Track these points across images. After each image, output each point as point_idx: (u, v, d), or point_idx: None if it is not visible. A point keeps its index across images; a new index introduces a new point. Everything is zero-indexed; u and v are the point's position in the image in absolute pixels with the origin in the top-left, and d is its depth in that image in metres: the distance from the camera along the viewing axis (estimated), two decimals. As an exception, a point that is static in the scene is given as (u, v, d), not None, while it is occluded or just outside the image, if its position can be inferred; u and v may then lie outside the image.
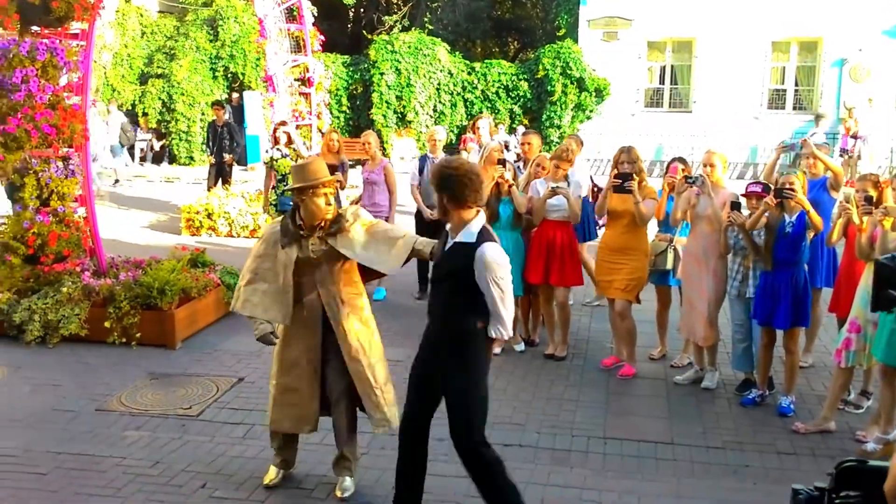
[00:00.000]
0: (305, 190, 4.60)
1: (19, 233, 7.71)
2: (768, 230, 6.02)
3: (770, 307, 6.04)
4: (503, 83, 22.49)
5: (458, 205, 4.15)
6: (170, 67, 23.25)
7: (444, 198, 4.18)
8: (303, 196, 4.62)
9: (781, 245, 5.96)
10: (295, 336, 4.82)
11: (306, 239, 4.68)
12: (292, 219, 4.74)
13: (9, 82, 7.35)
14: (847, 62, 20.72)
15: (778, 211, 5.97)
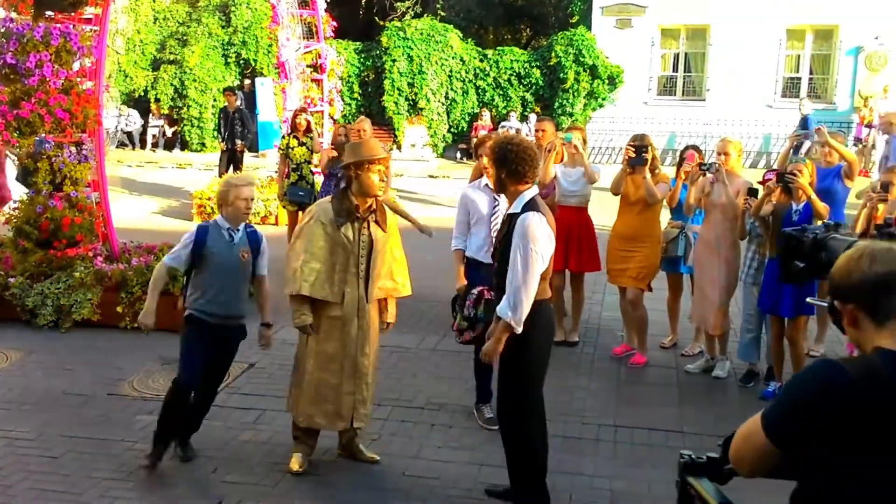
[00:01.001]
0: (361, 165, 4.73)
1: (32, 217, 7.75)
2: (775, 217, 5.98)
3: (776, 295, 6.00)
4: (515, 70, 22.39)
5: (514, 179, 4.27)
6: (182, 53, 23.26)
7: (502, 172, 4.30)
8: (358, 171, 4.74)
9: None
10: (333, 329, 4.84)
11: (359, 221, 4.76)
12: (344, 198, 4.79)
13: (23, 67, 7.38)
14: (863, 50, 20.52)
15: (785, 198, 5.93)
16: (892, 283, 2.03)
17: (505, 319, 4.21)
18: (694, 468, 2.35)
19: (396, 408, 5.97)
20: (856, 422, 1.94)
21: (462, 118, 22.75)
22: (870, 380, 1.95)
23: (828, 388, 1.99)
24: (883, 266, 2.03)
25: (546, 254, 4.21)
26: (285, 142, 9.94)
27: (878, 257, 2.05)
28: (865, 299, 2.05)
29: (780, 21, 20.68)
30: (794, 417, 2.03)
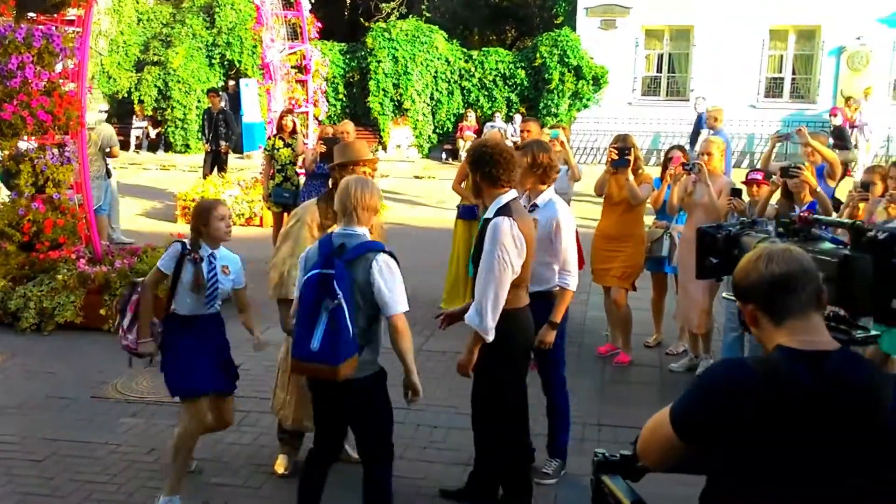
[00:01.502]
0: (346, 166, 4.72)
1: (14, 220, 7.71)
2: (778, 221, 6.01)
3: None
4: (500, 71, 22.43)
5: (491, 184, 4.20)
6: (166, 55, 23.16)
7: (477, 176, 4.23)
8: (343, 173, 4.70)
9: None
10: None
11: None
12: (331, 200, 4.78)
13: (4, 69, 7.34)
14: (845, 50, 20.68)
15: (787, 202, 5.95)
16: (788, 283, 2.07)
17: (474, 328, 4.12)
18: (607, 466, 2.39)
19: (382, 408, 5.97)
20: (757, 418, 1.99)
21: (447, 119, 22.76)
22: (771, 376, 2.01)
23: (731, 384, 2.05)
24: (779, 266, 2.08)
25: (516, 261, 4.08)
26: (271, 143, 9.92)
27: (774, 258, 2.10)
28: (763, 299, 2.10)
29: (763, 21, 20.79)
30: (698, 411, 2.08)
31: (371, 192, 3.94)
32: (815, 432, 1.96)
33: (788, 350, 2.05)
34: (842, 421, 1.96)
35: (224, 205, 4.84)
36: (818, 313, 2.10)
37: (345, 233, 3.91)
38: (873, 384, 2.01)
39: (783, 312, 2.08)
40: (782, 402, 1.98)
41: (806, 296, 2.08)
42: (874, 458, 1.97)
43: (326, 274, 3.72)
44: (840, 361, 2.03)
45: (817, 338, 2.07)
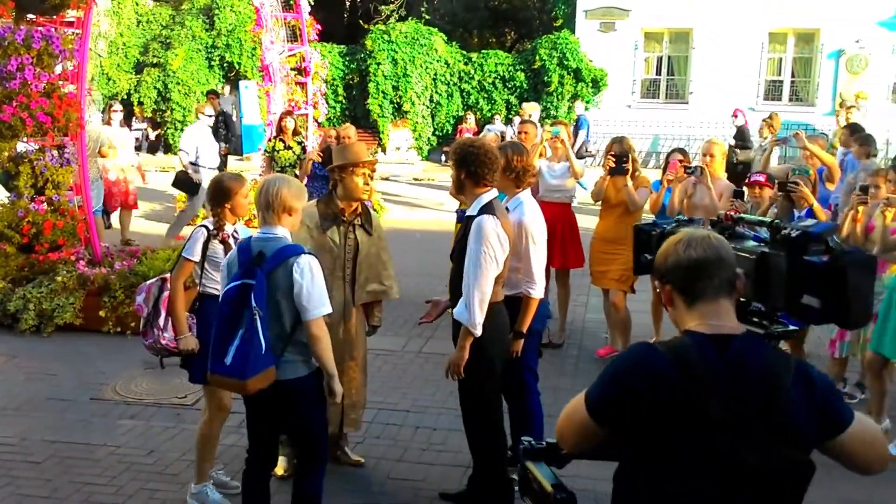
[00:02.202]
0: (345, 168, 4.73)
1: (14, 221, 7.70)
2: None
3: None
4: (500, 73, 22.45)
5: (474, 182, 4.24)
6: (165, 56, 23.17)
7: (461, 174, 4.26)
8: (343, 174, 4.74)
9: None
10: None
11: (344, 225, 4.75)
12: (330, 201, 4.79)
13: (4, 70, 7.33)
14: (844, 54, 20.70)
15: (787, 205, 5.95)
16: (703, 268, 2.15)
17: (463, 324, 4.17)
18: (533, 453, 2.44)
19: (381, 411, 5.97)
20: (665, 402, 2.06)
21: (447, 121, 22.78)
22: (678, 361, 2.08)
23: (640, 369, 2.13)
24: (696, 252, 2.16)
25: (500, 256, 4.16)
26: (271, 145, 9.91)
27: (693, 243, 2.18)
28: (679, 282, 2.19)
29: (762, 24, 20.83)
30: (610, 396, 2.16)
31: (287, 191, 3.86)
32: (719, 412, 2.03)
33: (696, 334, 2.13)
34: (743, 401, 2.03)
35: (246, 181, 4.77)
36: (729, 299, 2.18)
37: (263, 237, 3.85)
38: (773, 365, 2.08)
39: (696, 296, 2.16)
40: (688, 388, 2.04)
41: (719, 282, 2.16)
42: (773, 437, 2.04)
43: (246, 284, 3.68)
44: (743, 345, 2.11)
45: (725, 322, 2.15)
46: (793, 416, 2.04)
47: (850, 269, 2.18)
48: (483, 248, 4.08)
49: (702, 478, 2.07)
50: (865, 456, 2.14)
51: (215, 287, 4.52)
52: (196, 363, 4.53)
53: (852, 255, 2.22)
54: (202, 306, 4.56)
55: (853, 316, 2.24)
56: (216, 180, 4.67)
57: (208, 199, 4.68)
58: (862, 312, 2.26)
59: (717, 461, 2.05)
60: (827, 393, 2.11)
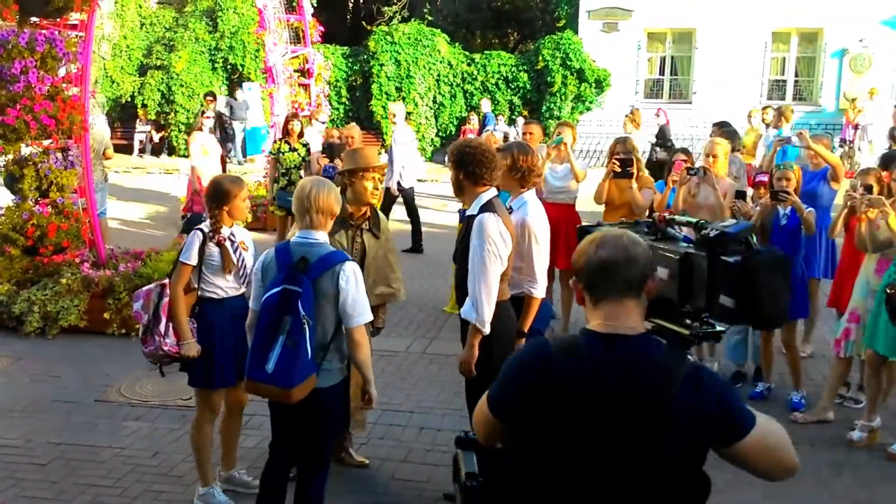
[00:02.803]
0: (355, 172, 4.73)
1: (18, 224, 7.72)
2: (763, 221, 6.00)
3: None
4: (503, 74, 22.45)
5: (473, 182, 4.26)
6: (169, 59, 23.20)
7: (460, 174, 4.28)
8: (352, 178, 4.74)
9: (776, 237, 5.93)
10: None
11: (352, 229, 4.75)
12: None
13: (7, 73, 7.34)
14: (848, 53, 20.67)
15: (772, 203, 5.95)
16: (608, 268, 2.17)
17: (471, 322, 4.19)
18: (464, 443, 2.59)
19: (385, 412, 5.96)
20: (554, 397, 2.09)
21: (450, 122, 22.78)
22: (566, 357, 2.11)
23: (534, 365, 2.16)
24: (605, 252, 2.18)
25: (503, 253, 4.18)
26: (276, 147, 9.95)
27: (605, 242, 2.20)
28: (586, 280, 2.21)
29: (765, 24, 20.81)
30: (507, 394, 2.20)
31: (327, 194, 3.83)
32: (608, 410, 2.05)
33: (589, 332, 2.17)
34: (627, 398, 2.04)
35: (245, 184, 4.75)
36: (635, 300, 2.18)
37: (304, 241, 3.81)
38: (662, 367, 2.07)
39: (599, 295, 2.18)
40: (576, 379, 2.08)
41: (624, 282, 2.16)
42: (656, 436, 2.05)
43: (290, 291, 3.63)
44: (635, 345, 2.12)
45: (624, 322, 2.15)
46: (678, 419, 2.03)
47: (761, 268, 2.18)
48: (486, 246, 4.10)
49: (589, 472, 2.09)
50: (766, 464, 2.13)
51: (213, 291, 4.52)
52: (196, 367, 4.54)
53: (764, 255, 2.22)
54: (202, 310, 4.55)
55: (765, 315, 2.25)
56: (215, 182, 4.65)
57: (206, 201, 4.66)
58: (776, 312, 2.26)
59: (602, 456, 2.07)
60: (722, 399, 2.08)
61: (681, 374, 2.05)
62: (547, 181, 7.29)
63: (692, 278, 2.29)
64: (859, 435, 5.49)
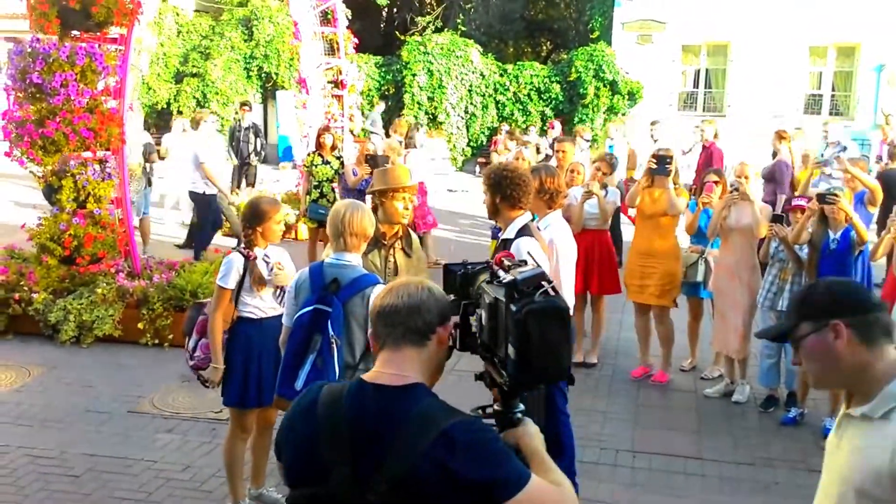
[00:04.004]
0: (386, 192, 4.77)
1: (56, 234, 7.84)
2: (812, 246, 5.92)
3: None
4: (535, 85, 22.43)
5: (510, 205, 4.34)
6: (204, 66, 23.46)
7: (496, 198, 4.34)
8: (383, 198, 4.78)
9: (826, 262, 5.85)
10: None
11: (385, 248, 4.78)
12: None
13: (48, 86, 7.46)
14: (885, 68, 20.40)
15: (822, 227, 5.87)
16: (389, 316, 2.15)
17: None
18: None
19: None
20: (310, 441, 2.09)
21: (481, 132, 22.79)
22: (327, 403, 2.11)
23: (302, 407, 2.17)
24: (390, 299, 2.17)
25: None
26: (310, 159, 10.00)
27: (393, 289, 2.21)
28: (373, 327, 2.21)
29: (802, 38, 20.59)
30: (281, 435, 2.21)
31: (361, 218, 3.93)
32: (328, 460, 2.03)
33: (360, 380, 2.14)
34: (359, 453, 2.01)
35: (281, 207, 4.82)
36: (415, 349, 2.14)
37: (337, 263, 3.90)
38: (409, 423, 2.00)
39: (381, 342, 2.17)
40: (328, 429, 2.07)
41: (404, 331, 2.14)
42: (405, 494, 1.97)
43: (321, 311, 3.71)
44: (394, 395, 2.06)
45: (395, 371, 2.12)
46: (419, 476, 1.95)
47: (530, 318, 2.04)
48: None
49: None
50: None
51: (251, 311, 4.58)
52: (231, 385, 4.59)
53: (537, 304, 2.07)
54: (237, 329, 4.61)
55: (535, 369, 2.07)
56: (253, 202, 4.72)
57: (242, 219, 4.73)
58: (552, 366, 2.09)
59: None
60: (478, 464, 1.96)
61: (434, 431, 1.96)
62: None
63: (496, 325, 2.15)
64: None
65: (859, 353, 2.17)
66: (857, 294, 2.25)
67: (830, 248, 5.82)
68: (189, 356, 4.67)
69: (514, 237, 4.28)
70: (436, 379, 2.21)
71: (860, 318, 2.18)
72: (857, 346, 2.17)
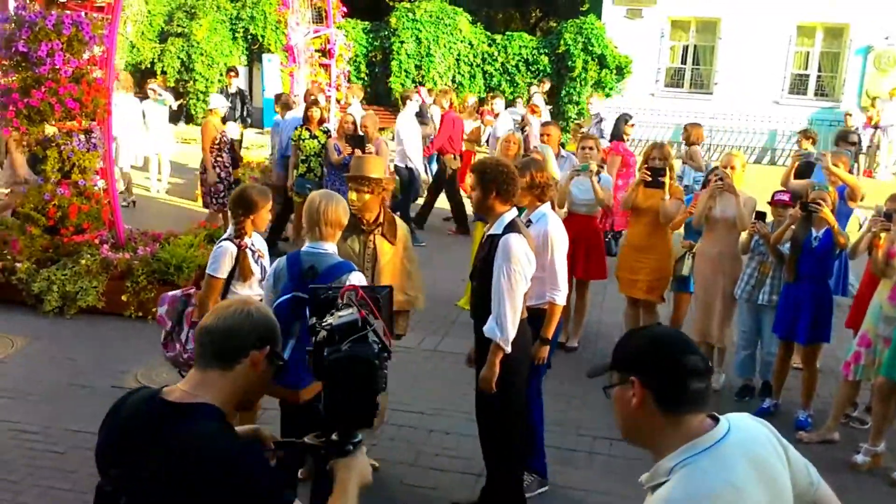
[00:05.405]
0: (352, 179, 4.93)
1: (40, 204, 7.82)
2: (794, 243, 5.98)
3: (791, 321, 6.02)
4: (523, 56, 22.33)
5: (500, 200, 4.35)
6: (190, 27, 23.16)
7: (490, 194, 4.35)
8: (357, 186, 4.89)
9: (806, 259, 5.93)
10: None
11: (364, 234, 4.82)
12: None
13: (34, 55, 7.40)
14: (872, 50, 20.45)
15: (805, 225, 5.95)
16: (203, 336, 2.23)
17: (495, 340, 4.29)
18: None
19: (395, 412, 6.03)
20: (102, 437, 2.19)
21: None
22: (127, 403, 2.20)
23: (119, 400, 2.24)
24: (210, 319, 2.25)
25: (529, 274, 4.31)
26: (297, 133, 9.95)
27: (214, 311, 2.29)
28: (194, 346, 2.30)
29: (790, 17, 20.57)
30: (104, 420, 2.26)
31: (336, 208, 4.05)
32: (114, 459, 2.11)
33: (156, 392, 2.19)
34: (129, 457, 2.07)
35: (270, 197, 4.90)
36: (219, 371, 2.18)
37: (313, 251, 4.02)
38: (186, 439, 2.04)
39: (196, 361, 2.24)
40: (113, 430, 2.17)
41: (213, 352, 2.19)
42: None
43: (300, 298, 3.82)
44: (167, 412, 2.10)
45: (188, 389, 2.17)
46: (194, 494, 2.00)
47: (334, 366, 2.15)
48: (513, 266, 4.21)
49: None
50: None
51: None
52: None
53: (343, 353, 2.17)
54: None
55: (339, 413, 2.18)
56: (244, 190, 4.75)
57: (232, 207, 4.75)
58: (355, 413, 2.19)
59: None
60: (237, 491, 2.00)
61: (208, 454, 2.02)
62: (571, 192, 7.30)
63: (318, 364, 2.27)
64: (863, 458, 5.55)
65: (652, 417, 2.01)
66: (671, 356, 2.03)
67: (812, 247, 5.90)
68: (183, 348, 4.68)
69: (503, 233, 4.31)
70: (249, 399, 2.32)
71: (663, 382, 2.00)
72: (652, 409, 2.01)
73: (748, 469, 1.98)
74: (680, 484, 1.93)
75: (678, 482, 1.94)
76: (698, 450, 1.97)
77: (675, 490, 1.93)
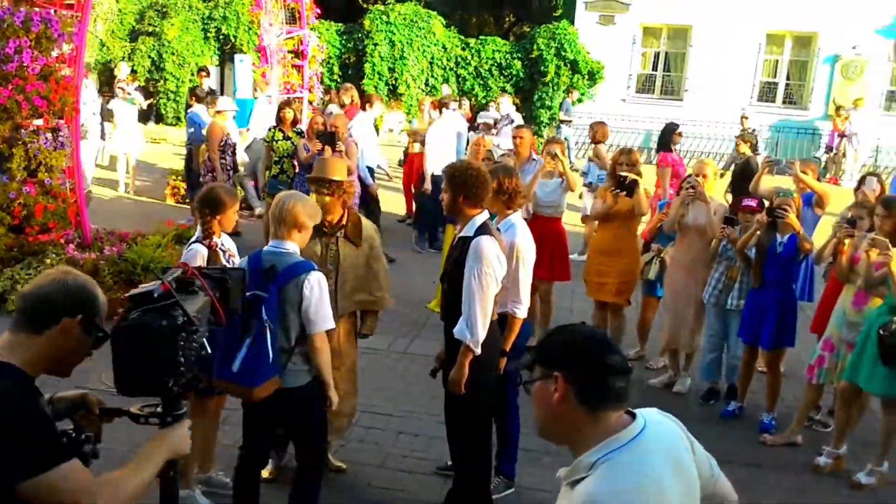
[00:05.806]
0: (312, 181, 4.97)
1: (5, 203, 7.72)
2: (758, 248, 6.05)
3: (756, 326, 6.10)
4: (496, 61, 22.41)
5: (469, 203, 4.34)
6: (161, 25, 22.97)
7: (460, 197, 4.34)
8: (318, 188, 4.91)
9: (771, 264, 6.00)
10: None
11: (327, 236, 4.81)
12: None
13: (1, 53, 7.31)
14: (840, 59, 20.75)
15: (770, 231, 6.03)
16: (18, 300, 2.38)
17: (464, 342, 4.29)
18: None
19: (364, 413, 6.01)
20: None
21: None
22: None
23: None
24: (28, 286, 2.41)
25: (500, 276, 4.32)
26: (270, 134, 9.89)
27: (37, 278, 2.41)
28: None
29: (760, 25, 20.82)
30: None
31: (301, 208, 4.08)
32: None
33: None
34: None
35: (238, 197, 4.92)
36: (27, 335, 2.32)
37: (275, 250, 4.05)
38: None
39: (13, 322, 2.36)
40: None
41: (25, 317, 2.33)
42: None
43: (258, 296, 3.86)
44: None
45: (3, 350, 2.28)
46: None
47: (117, 335, 2.25)
48: (484, 269, 4.21)
49: None
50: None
51: None
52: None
53: (127, 322, 2.25)
54: None
55: (128, 382, 2.30)
56: (211, 190, 4.71)
57: (199, 206, 4.72)
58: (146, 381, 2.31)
59: None
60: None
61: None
62: (536, 195, 7.34)
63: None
64: (825, 461, 5.63)
65: (574, 413, 2.02)
66: (596, 354, 2.06)
67: (777, 252, 5.97)
68: None
69: (474, 235, 4.31)
70: (66, 364, 2.44)
71: (585, 377, 2.03)
72: (573, 405, 2.02)
73: (665, 462, 2.03)
74: (604, 479, 1.95)
75: (602, 477, 1.96)
76: (618, 444, 2.00)
77: (600, 485, 1.94)
